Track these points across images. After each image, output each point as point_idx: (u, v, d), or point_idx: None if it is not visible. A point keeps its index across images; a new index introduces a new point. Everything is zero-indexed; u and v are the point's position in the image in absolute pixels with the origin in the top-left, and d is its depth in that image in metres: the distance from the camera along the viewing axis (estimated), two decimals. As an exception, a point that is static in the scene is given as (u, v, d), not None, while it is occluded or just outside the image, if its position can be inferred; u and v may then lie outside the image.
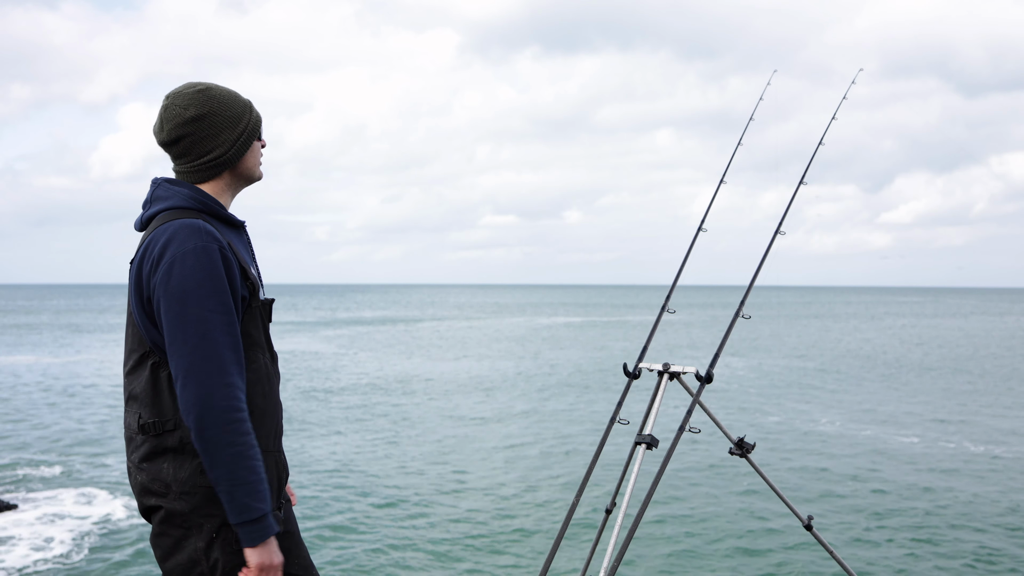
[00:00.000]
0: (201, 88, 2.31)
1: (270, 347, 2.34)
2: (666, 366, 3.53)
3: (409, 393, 22.93)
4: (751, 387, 23.69)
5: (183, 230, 2.14)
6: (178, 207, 2.23)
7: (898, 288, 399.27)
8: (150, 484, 2.17)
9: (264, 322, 2.31)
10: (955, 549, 9.30)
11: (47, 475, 12.93)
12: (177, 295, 2.09)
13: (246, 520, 2.08)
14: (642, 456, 3.43)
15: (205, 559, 2.14)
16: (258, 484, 2.09)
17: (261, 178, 2.42)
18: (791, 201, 3.82)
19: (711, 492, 11.60)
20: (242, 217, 2.50)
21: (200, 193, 2.27)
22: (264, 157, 2.44)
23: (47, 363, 30.95)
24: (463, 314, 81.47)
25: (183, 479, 2.15)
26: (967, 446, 15.18)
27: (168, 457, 2.16)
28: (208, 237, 2.14)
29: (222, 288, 2.12)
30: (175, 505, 2.15)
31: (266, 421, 2.25)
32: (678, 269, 3.99)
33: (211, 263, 2.11)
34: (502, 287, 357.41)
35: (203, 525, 2.14)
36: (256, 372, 2.24)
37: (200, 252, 2.11)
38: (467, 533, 9.99)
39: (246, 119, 2.33)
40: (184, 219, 2.18)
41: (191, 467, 2.14)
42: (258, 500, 2.09)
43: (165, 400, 2.16)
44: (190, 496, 2.14)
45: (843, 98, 4.13)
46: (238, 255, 2.22)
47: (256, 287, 2.26)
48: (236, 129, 2.31)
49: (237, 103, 2.34)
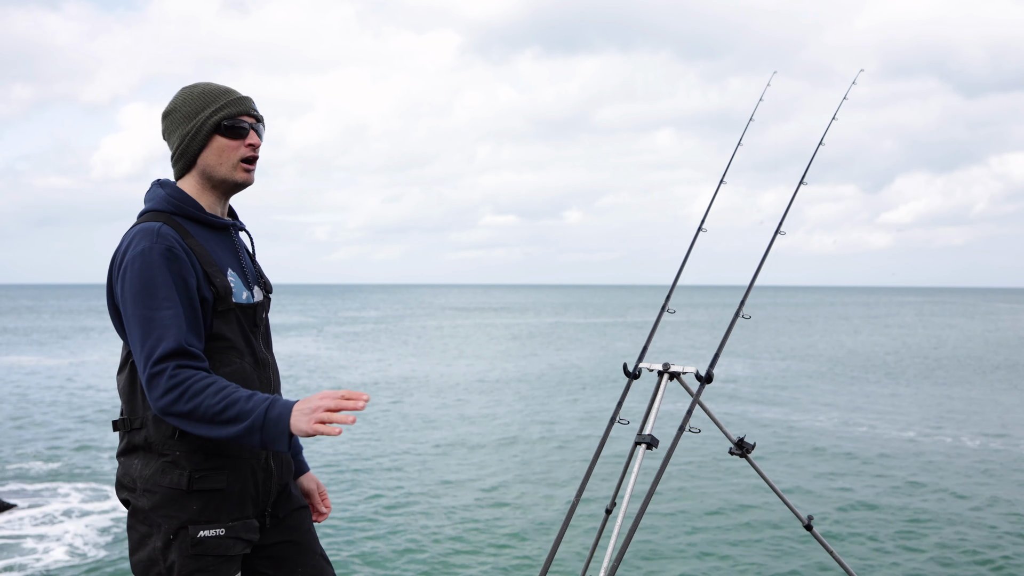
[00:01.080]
0: (187, 86, 2.32)
1: (253, 352, 2.29)
2: (666, 366, 3.53)
3: (408, 392, 22.93)
4: (751, 387, 23.69)
5: (137, 234, 2.17)
6: (154, 209, 2.25)
7: (898, 288, 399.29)
8: (122, 478, 2.23)
9: (243, 326, 2.27)
10: (956, 549, 9.30)
11: (47, 473, 12.93)
12: (128, 298, 2.13)
13: (260, 444, 2.04)
14: (642, 456, 3.43)
15: (162, 559, 2.15)
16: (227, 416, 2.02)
17: (240, 180, 2.30)
18: (791, 201, 3.82)
19: (711, 492, 11.60)
20: (243, 219, 2.49)
21: (179, 193, 2.26)
22: (244, 156, 2.28)
23: (49, 363, 30.96)
24: (463, 314, 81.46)
25: (147, 476, 2.17)
26: (969, 445, 15.18)
27: (139, 454, 2.20)
28: (157, 238, 2.14)
29: (162, 283, 2.10)
30: (139, 502, 2.18)
31: None
32: (678, 269, 3.99)
33: (150, 263, 2.11)
34: (502, 287, 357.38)
35: (162, 525, 2.15)
36: (228, 375, 2.21)
37: (145, 253, 2.12)
38: (466, 533, 9.99)
39: (205, 112, 2.25)
40: (145, 223, 2.20)
41: (156, 466, 2.16)
42: (239, 423, 2.02)
43: (138, 398, 2.20)
44: (151, 494, 2.16)
45: (843, 98, 4.13)
46: (200, 256, 2.19)
47: (225, 291, 2.22)
48: (190, 123, 2.25)
49: (203, 97, 2.27)
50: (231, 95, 2.29)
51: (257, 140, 2.30)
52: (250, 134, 2.29)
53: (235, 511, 2.21)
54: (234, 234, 2.37)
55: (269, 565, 2.35)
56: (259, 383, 2.29)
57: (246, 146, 2.28)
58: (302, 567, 2.38)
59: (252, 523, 2.25)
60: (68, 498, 11.52)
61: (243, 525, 2.22)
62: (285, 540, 2.38)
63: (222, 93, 2.28)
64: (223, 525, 2.18)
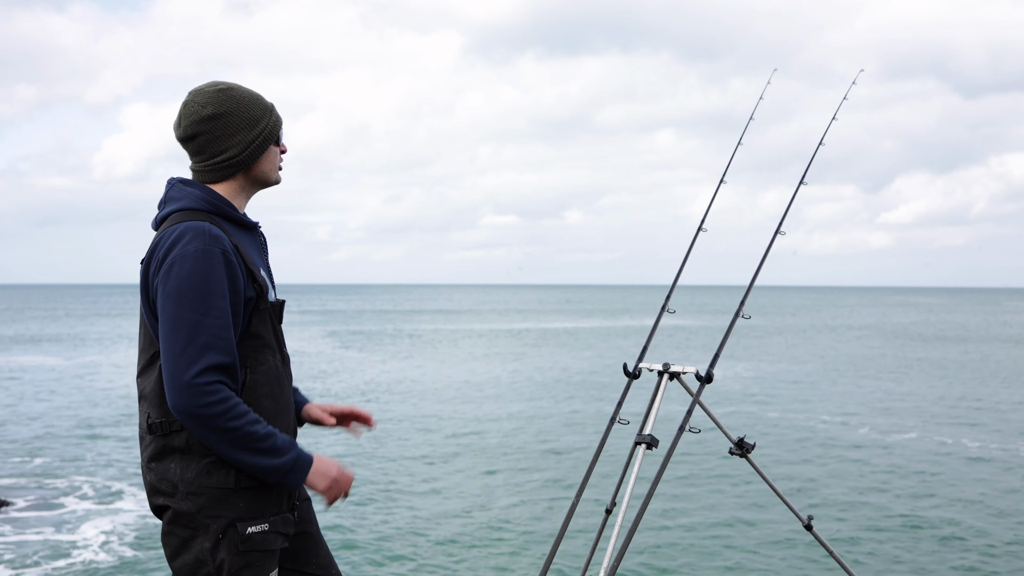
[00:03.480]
0: (223, 87, 2.30)
1: (281, 349, 2.34)
2: (666, 366, 3.53)
3: (407, 392, 22.94)
4: (751, 387, 23.69)
5: (187, 232, 2.14)
6: (189, 208, 2.23)
7: (897, 288, 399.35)
8: (158, 484, 2.19)
9: (274, 323, 2.31)
10: (957, 549, 9.30)
11: (57, 474, 12.93)
12: (173, 296, 2.10)
13: (279, 480, 2.16)
14: (642, 456, 3.43)
15: (211, 559, 2.15)
16: (264, 446, 2.12)
17: (279, 182, 2.42)
18: (791, 201, 3.82)
19: (711, 492, 11.60)
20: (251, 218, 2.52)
21: (212, 194, 2.27)
22: (285, 162, 2.43)
23: (60, 364, 30.96)
24: (462, 314, 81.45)
25: (189, 479, 2.15)
26: (970, 445, 15.18)
27: (175, 457, 2.17)
28: (211, 240, 2.13)
29: (219, 292, 2.11)
30: (182, 505, 2.16)
31: (276, 423, 2.24)
32: (678, 269, 3.99)
33: (209, 266, 2.11)
34: (502, 287, 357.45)
35: (209, 525, 2.15)
36: (265, 374, 2.24)
37: (200, 255, 2.11)
38: (466, 533, 9.99)
39: (265, 122, 2.31)
40: (191, 221, 2.18)
41: (198, 467, 2.15)
42: (274, 457, 2.13)
43: None
44: (196, 496, 2.15)
45: (843, 98, 4.13)
46: (245, 257, 2.22)
47: (264, 289, 2.25)
48: (253, 131, 2.29)
49: (257, 105, 2.32)
50: (268, 103, 2.37)
51: (286, 146, 2.43)
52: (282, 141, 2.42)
53: (275, 506, 2.23)
54: (260, 234, 2.41)
55: (286, 558, 2.38)
56: (287, 379, 2.34)
57: (282, 152, 2.41)
58: (315, 558, 2.42)
59: (289, 517, 2.28)
60: (80, 498, 11.53)
61: (282, 519, 2.25)
62: (299, 532, 2.41)
63: (263, 101, 2.35)
64: (266, 520, 2.20)
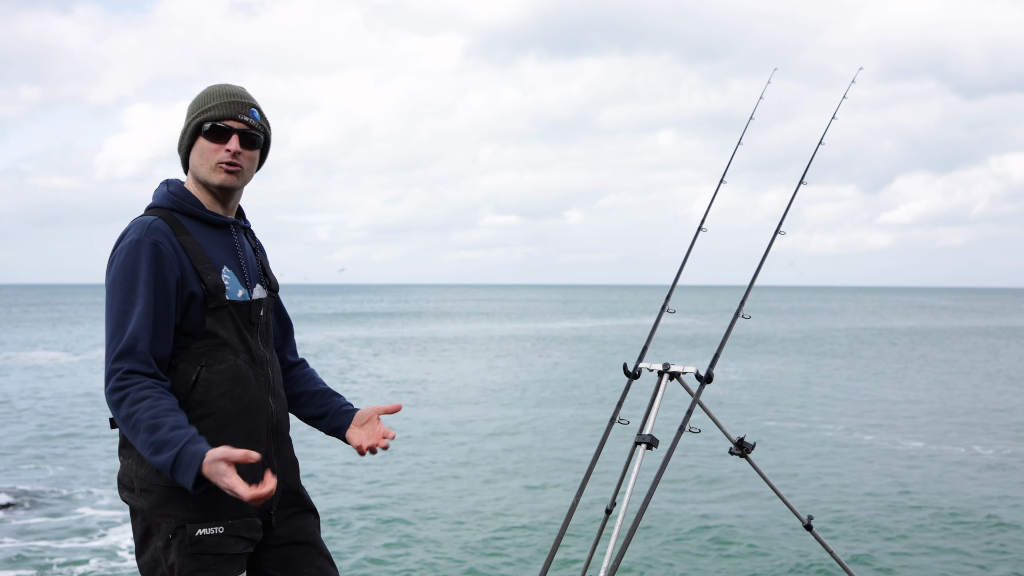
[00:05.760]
0: (210, 85, 2.37)
1: (249, 349, 2.26)
2: (666, 366, 3.54)
3: (406, 392, 22.93)
4: (751, 387, 23.69)
5: (131, 227, 2.20)
6: (153, 205, 2.29)
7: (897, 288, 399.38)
8: (122, 477, 2.21)
9: (237, 323, 2.25)
10: (957, 549, 9.30)
11: (59, 472, 12.93)
12: (108, 288, 2.16)
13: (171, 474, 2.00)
14: (642, 456, 3.44)
15: (164, 560, 2.12)
16: (155, 438, 1.99)
17: (218, 184, 2.27)
18: (791, 201, 3.83)
19: (711, 492, 11.60)
20: (248, 218, 2.51)
21: (180, 191, 2.29)
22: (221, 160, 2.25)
23: (63, 360, 30.95)
24: (462, 314, 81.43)
25: (143, 476, 2.15)
26: (970, 445, 15.18)
27: (133, 450, 2.17)
28: (147, 232, 2.16)
29: (145, 280, 2.11)
30: (137, 502, 2.16)
31: (235, 425, 2.19)
32: (678, 269, 4.00)
33: (137, 257, 2.13)
34: (503, 287, 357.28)
35: (160, 524, 2.13)
36: (223, 373, 2.19)
37: (132, 246, 2.14)
38: (466, 533, 9.99)
39: (192, 115, 2.29)
40: (141, 216, 2.24)
41: (149, 464, 2.11)
42: (156, 453, 1.99)
43: None
44: (148, 494, 2.14)
45: (843, 97, 4.14)
46: (191, 253, 2.20)
47: (219, 287, 2.21)
48: (184, 123, 2.31)
49: (200, 98, 2.30)
50: (223, 98, 2.27)
51: (236, 146, 2.25)
52: (232, 139, 2.25)
53: (235, 509, 2.17)
54: (235, 232, 2.36)
55: (276, 566, 2.33)
56: (256, 381, 2.26)
57: (225, 150, 2.25)
58: (308, 568, 2.37)
59: (254, 521, 2.22)
60: (82, 496, 11.52)
61: (244, 523, 2.18)
62: (292, 541, 2.36)
63: (216, 95, 2.28)
64: (222, 523, 2.14)
